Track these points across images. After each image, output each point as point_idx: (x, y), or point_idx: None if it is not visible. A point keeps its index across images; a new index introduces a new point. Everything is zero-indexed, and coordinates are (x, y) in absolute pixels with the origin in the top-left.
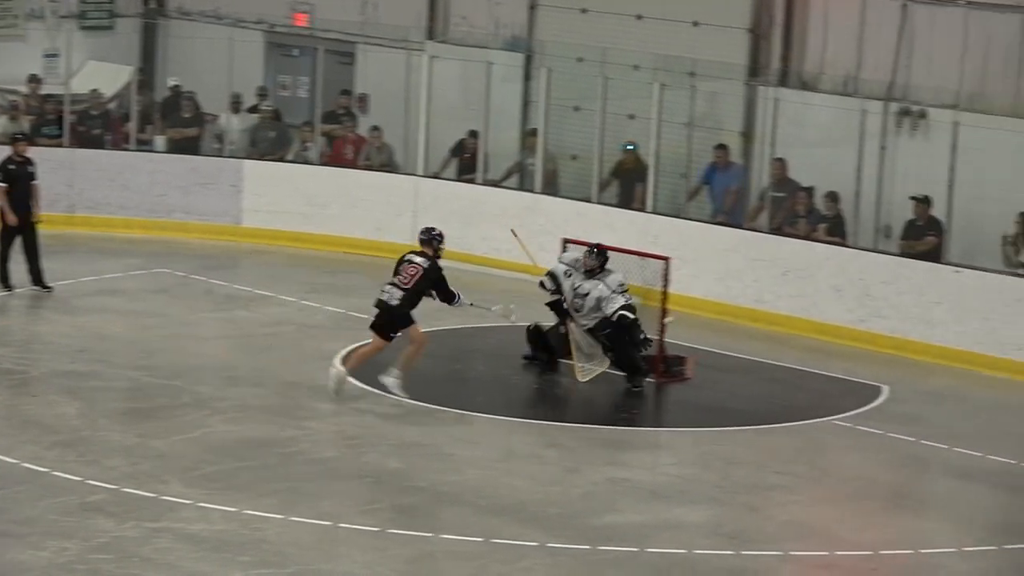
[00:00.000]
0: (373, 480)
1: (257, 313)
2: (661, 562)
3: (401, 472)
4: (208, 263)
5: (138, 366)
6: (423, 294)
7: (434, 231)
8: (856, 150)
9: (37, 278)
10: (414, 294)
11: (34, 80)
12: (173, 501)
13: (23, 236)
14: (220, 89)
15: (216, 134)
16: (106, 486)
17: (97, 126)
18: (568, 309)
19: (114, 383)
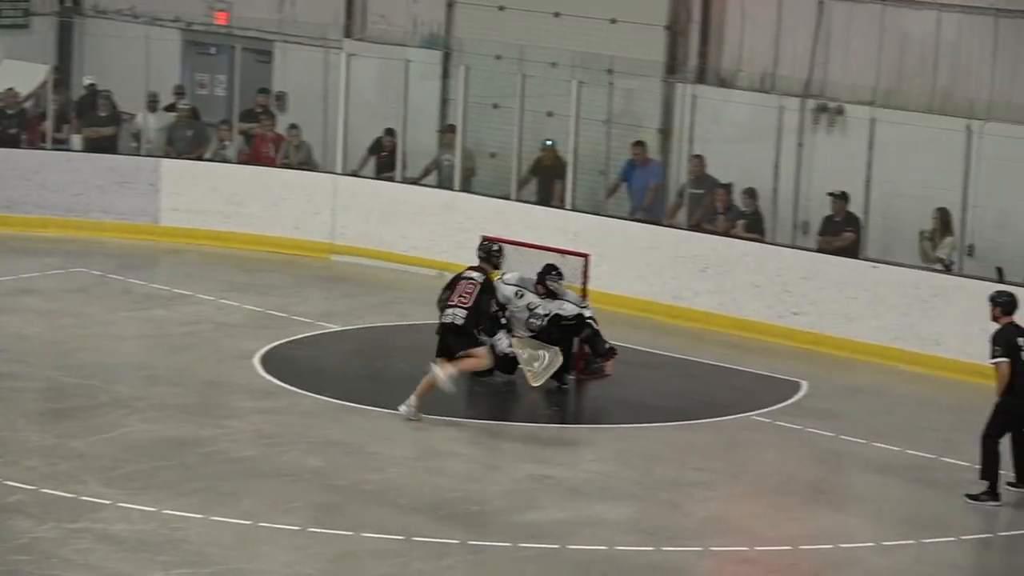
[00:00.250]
0: (293, 479)
1: (175, 312)
2: (582, 559)
3: (321, 470)
4: (126, 262)
5: (56, 366)
6: (486, 311)
7: (493, 246)
8: (774, 146)
9: None
10: (477, 311)
11: None
12: (92, 501)
13: None
14: (137, 88)
15: (133, 133)
16: (24, 487)
17: (13, 125)
18: (510, 326)
19: (32, 383)
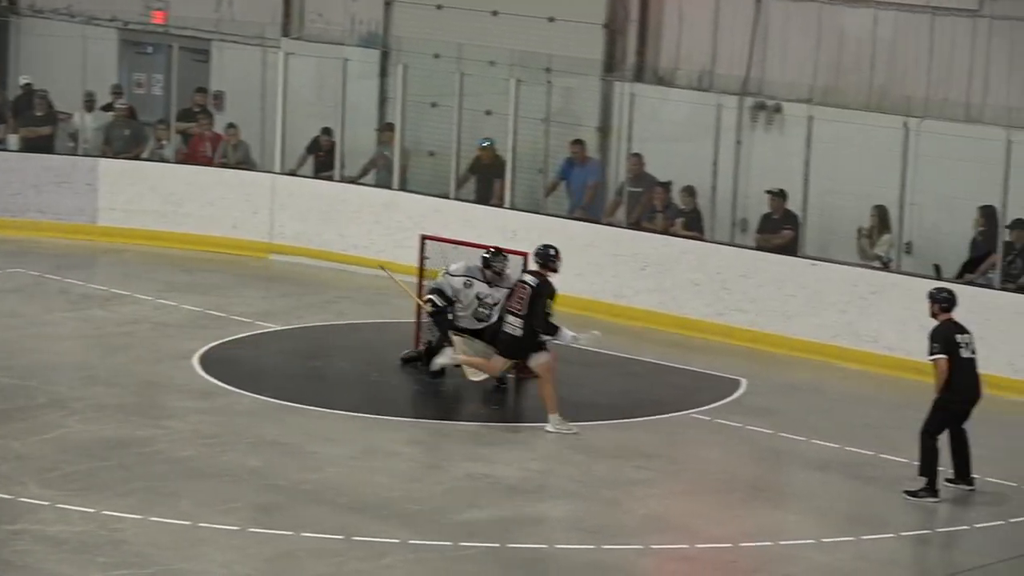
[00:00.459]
0: (232, 479)
1: (113, 312)
2: (522, 558)
3: (260, 470)
4: (63, 262)
5: None
6: (541, 313)
7: (550, 250)
8: (712, 145)
9: None
10: (532, 317)
11: None
12: (31, 503)
13: None
14: (74, 87)
15: (70, 133)
16: None
17: None
18: (459, 323)
19: None
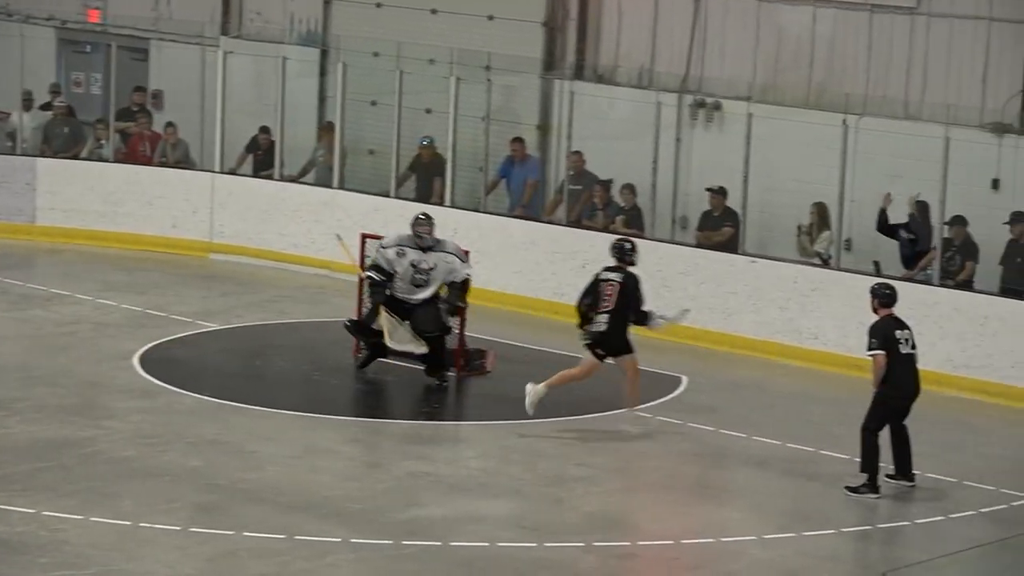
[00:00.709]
0: (173, 479)
1: (53, 312)
2: (465, 556)
3: (201, 470)
4: (2, 262)
5: None
6: (634, 306)
7: (626, 245)
8: (652, 142)
9: None
10: (620, 313)
11: None
12: None
13: None
14: (11, 86)
15: (8, 132)
16: None
17: None
18: (398, 294)
19: None
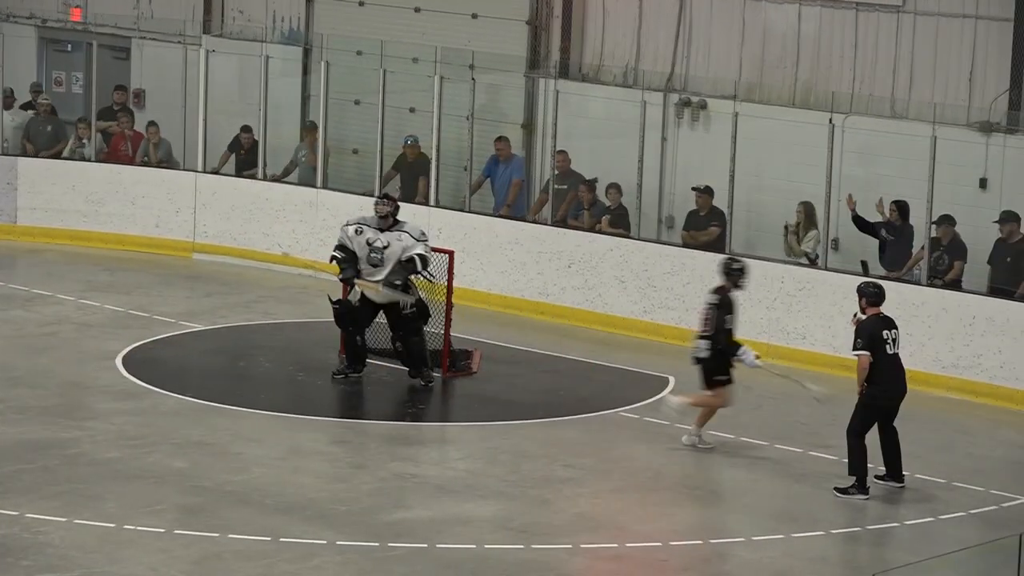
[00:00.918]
0: (157, 480)
1: (35, 313)
2: (451, 558)
3: (185, 472)
4: None
5: None
6: (723, 328)
7: (733, 264)
8: (637, 141)
9: None
10: (715, 335)
11: None
12: None
13: None
14: None
15: None
16: None
17: None
18: (360, 274)
19: None
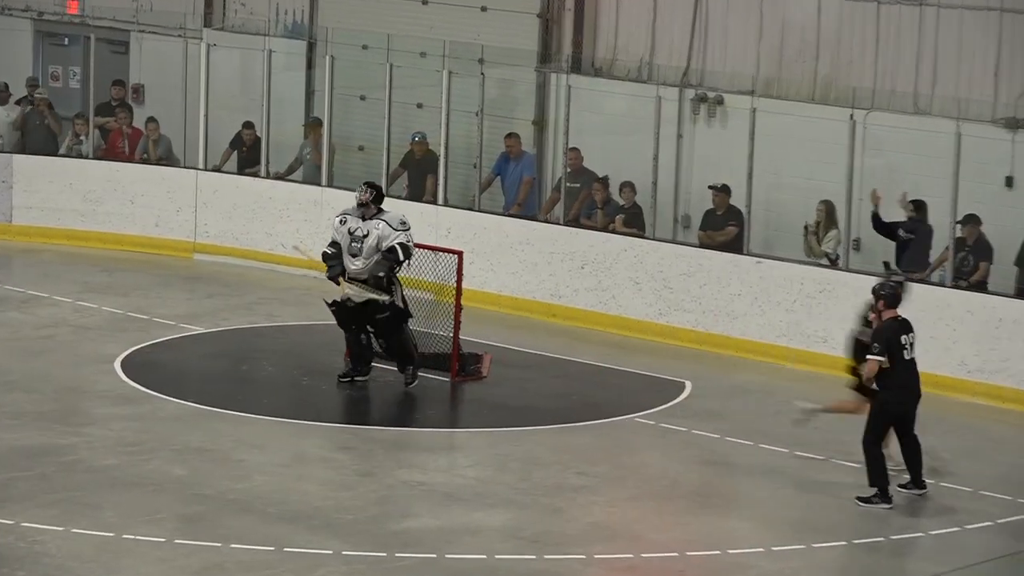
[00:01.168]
0: (157, 488)
1: (31, 315)
2: (461, 568)
3: (186, 479)
4: None
5: None
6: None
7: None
8: (652, 138)
9: None
10: (856, 355)
11: None
12: None
13: None
14: None
15: None
16: None
17: None
18: (346, 273)
19: None
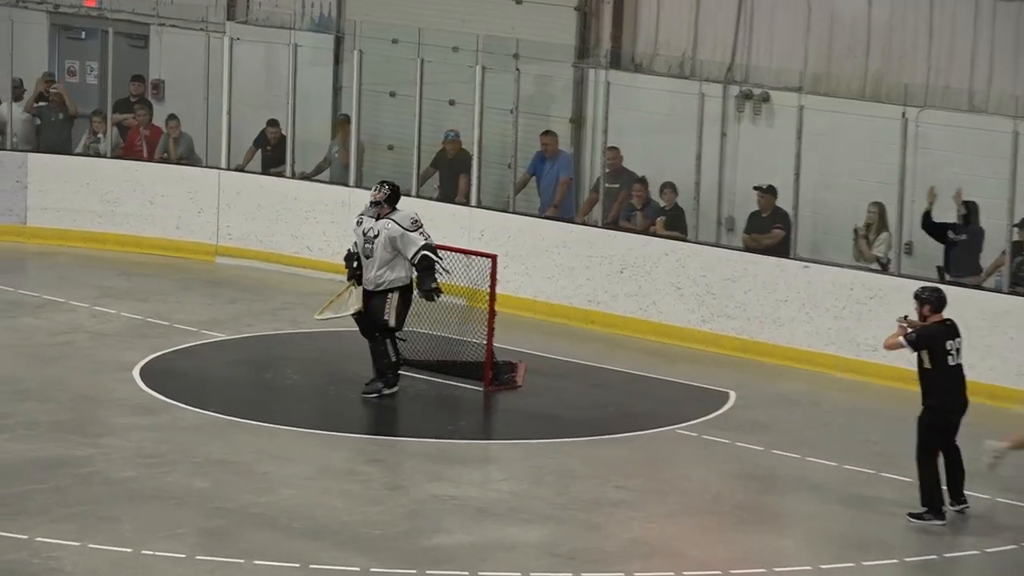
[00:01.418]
0: (177, 502)
1: (46, 320)
2: None
3: (207, 492)
4: None
5: None
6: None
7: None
8: (695, 137)
9: None
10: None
11: None
12: None
13: None
14: (1, 75)
15: None
16: None
17: None
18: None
19: None
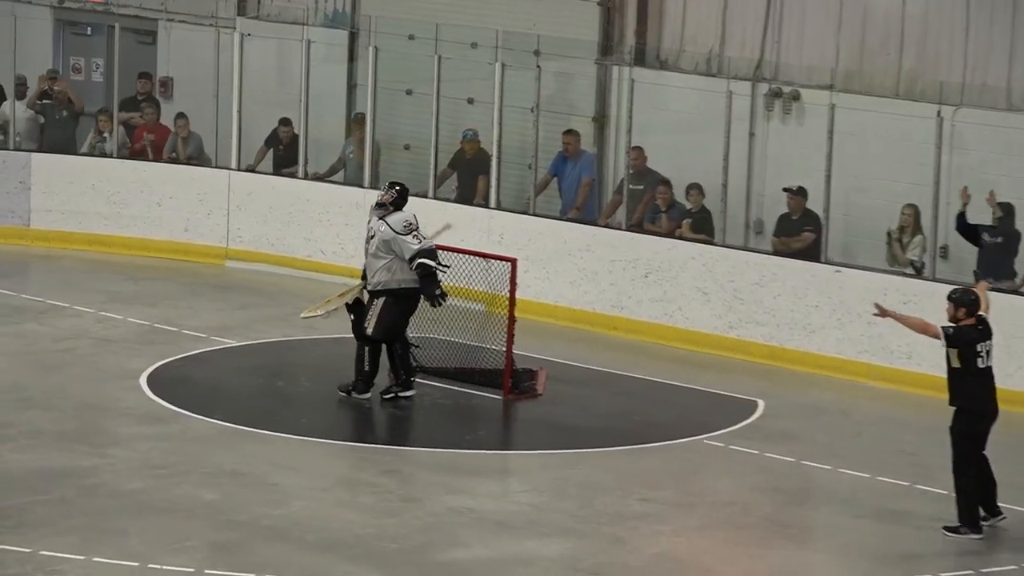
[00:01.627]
0: (186, 514)
1: (50, 326)
2: None
3: (217, 504)
4: None
5: None
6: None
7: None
8: (722, 137)
9: None
10: None
11: None
12: None
13: None
14: (3, 72)
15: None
16: None
17: None
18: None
19: None
